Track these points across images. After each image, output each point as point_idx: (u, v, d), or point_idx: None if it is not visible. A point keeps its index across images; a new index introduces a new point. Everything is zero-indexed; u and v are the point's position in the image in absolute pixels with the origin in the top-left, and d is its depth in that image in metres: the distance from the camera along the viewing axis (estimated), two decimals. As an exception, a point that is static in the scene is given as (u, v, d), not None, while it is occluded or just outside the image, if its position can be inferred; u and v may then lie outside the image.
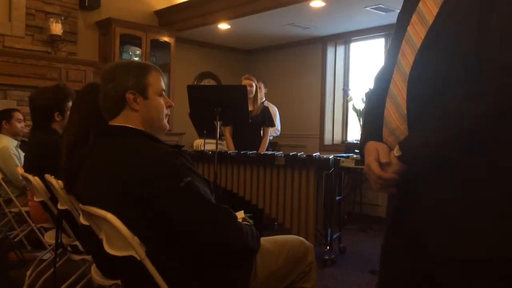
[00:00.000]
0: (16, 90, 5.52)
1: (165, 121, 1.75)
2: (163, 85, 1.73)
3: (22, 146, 4.22)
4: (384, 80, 1.32)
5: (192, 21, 6.78)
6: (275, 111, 5.92)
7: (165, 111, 1.74)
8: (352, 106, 6.43)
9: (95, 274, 1.78)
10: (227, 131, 4.81)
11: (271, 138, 5.81)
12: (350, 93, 6.58)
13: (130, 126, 1.63)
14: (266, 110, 4.78)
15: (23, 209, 3.65)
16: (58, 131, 2.89)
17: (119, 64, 1.70)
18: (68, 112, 2.87)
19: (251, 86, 4.61)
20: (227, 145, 4.84)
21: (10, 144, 4.14)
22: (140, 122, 1.66)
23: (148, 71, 1.68)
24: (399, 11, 1.37)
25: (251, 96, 4.61)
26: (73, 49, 6.21)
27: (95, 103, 2.04)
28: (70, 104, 2.90)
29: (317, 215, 3.75)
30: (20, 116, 4.32)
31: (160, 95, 1.71)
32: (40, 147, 2.84)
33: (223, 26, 6.68)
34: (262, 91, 5.85)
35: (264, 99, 5.91)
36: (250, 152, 4.11)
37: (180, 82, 6.88)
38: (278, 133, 5.99)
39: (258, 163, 3.97)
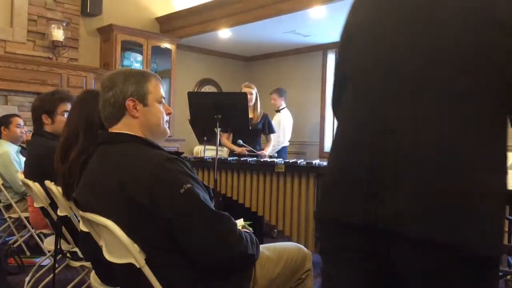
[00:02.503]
0: (17, 95, 5.54)
1: (166, 126, 1.75)
2: (163, 93, 1.74)
3: (23, 151, 4.23)
4: None
5: (193, 28, 6.81)
6: (285, 119, 6.00)
7: (165, 117, 1.75)
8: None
9: (94, 281, 1.78)
10: (225, 137, 4.84)
11: (277, 149, 5.85)
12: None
13: (129, 133, 1.64)
14: (265, 117, 4.82)
15: (23, 214, 3.65)
16: (57, 136, 2.89)
17: (119, 72, 1.71)
18: (60, 116, 2.91)
19: (251, 94, 4.64)
20: (228, 148, 4.89)
21: (10, 149, 4.14)
22: (140, 129, 1.66)
23: (147, 79, 1.69)
24: None
25: (251, 104, 4.64)
26: (75, 55, 6.24)
27: (88, 109, 2.06)
28: (63, 108, 2.92)
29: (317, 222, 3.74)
30: (20, 122, 4.33)
31: (160, 102, 1.71)
32: (40, 152, 2.84)
33: (224, 33, 6.70)
34: (277, 101, 6.10)
35: (283, 106, 6.03)
36: (250, 159, 4.11)
37: (181, 88, 6.90)
38: (280, 145, 5.98)
39: (258, 170, 3.97)
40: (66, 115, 2.90)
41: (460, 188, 1.04)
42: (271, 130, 4.89)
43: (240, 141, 4.57)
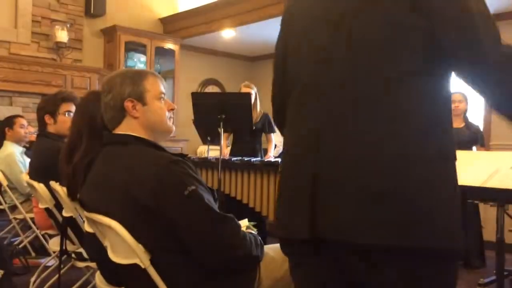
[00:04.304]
0: (22, 96, 5.56)
1: (170, 123, 1.74)
2: (162, 89, 1.72)
3: (27, 152, 4.25)
4: None
5: (197, 28, 6.81)
6: None
7: (168, 114, 1.73)
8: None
9: (99, 281, 1.78)
10: (224, 137, 4.84)
11: (281, 149, 5.84)
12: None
13: (133, 134, 1.64)
14: (265, 116, 4.81)
15: (28, 215, 3.66)
16: (61, 136, 2.90)
17: (116, 74, 1.71)
18: (62, 116, 2.94)
19: (251, 93, 4.63)
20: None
21: (15, 150, 4.16)
22: (142, 129, 1.66)
23: (143, 77, 1.68)
24: None
25: None
26: (79, 56, 6.25)
27: (91, 111, 2.06)
28: (65, 108, 2.94)
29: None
30: (24, 122, 4.34)
31: (159, 98, 1.70)
32: (44, 153, 2.85)
33: (228, 33, 6.70)
34: None
35: None
36: (254, 159, 4.11)
37: (185, 89, 6.90)
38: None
39: (262, 170, 3.98)
40: (68, 115, 2.92)
41: (400, 187, 1.02)
42: (271, 129, 4.88)
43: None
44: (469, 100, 4.39)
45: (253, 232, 1.79)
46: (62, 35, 5.91)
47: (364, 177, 1.03)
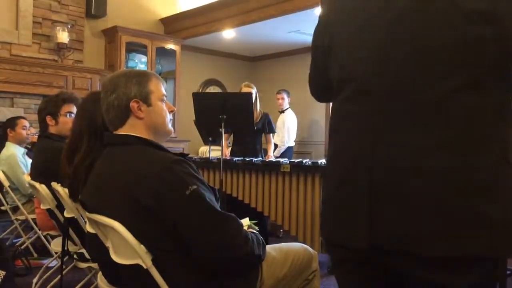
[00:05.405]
0: (23, 98, 5.56)
1: (169, 125, 1.76)
2: (164, 91, 1.73)
3: (29, 153, 4.25)
4: None
5: (198, 29, 6.82)
6: (290, 119, 6.00)
7: (169, 116, 1.75)
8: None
9: (101, 282, 1.78)
10: (225, 138, 4.84)
11: (283, 149, 5.86)
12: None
13: (135, 134, 1.64)
14: (265, 117, 4.81)
15: (30, 216, 3.67)
16: (63, 137, 2.90)
17: (118, 74, 1.71)
18: (63, 117, 2.96)
19: (251, 93, 4.63)
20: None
21: (17, 151, 4.17)
22: (145, 130, 1.66)
23: (148, 78, 1.69)
24: None
25: None
26: (80, 57, 6.26)
27: (91, 111, 2.06)
28: (67, 109, 2.95)
29: (323, 222, 3.73)
30: (26, 123, 4.35)
31: (162, 100, 1.71)
32: (46, 154, 2.86)
33: (229, 33, 6.71)
34: (286, 100, 6.27)
35: (287, 106, 6.09)
36: (256, 159, 4.11)
37: (186, 89, 6.91)
38: (286, 145, 5.99)
39: (263, 170, 3.98)
40: (69, 116, 2.93)
41: (463, 195, 1.00)
42: (271, 129, 4.87)
43: None
44: None
45: (254, 231, 1.79)
46: (63, 36, 5.91)
47: (424, 186, 1.01)
